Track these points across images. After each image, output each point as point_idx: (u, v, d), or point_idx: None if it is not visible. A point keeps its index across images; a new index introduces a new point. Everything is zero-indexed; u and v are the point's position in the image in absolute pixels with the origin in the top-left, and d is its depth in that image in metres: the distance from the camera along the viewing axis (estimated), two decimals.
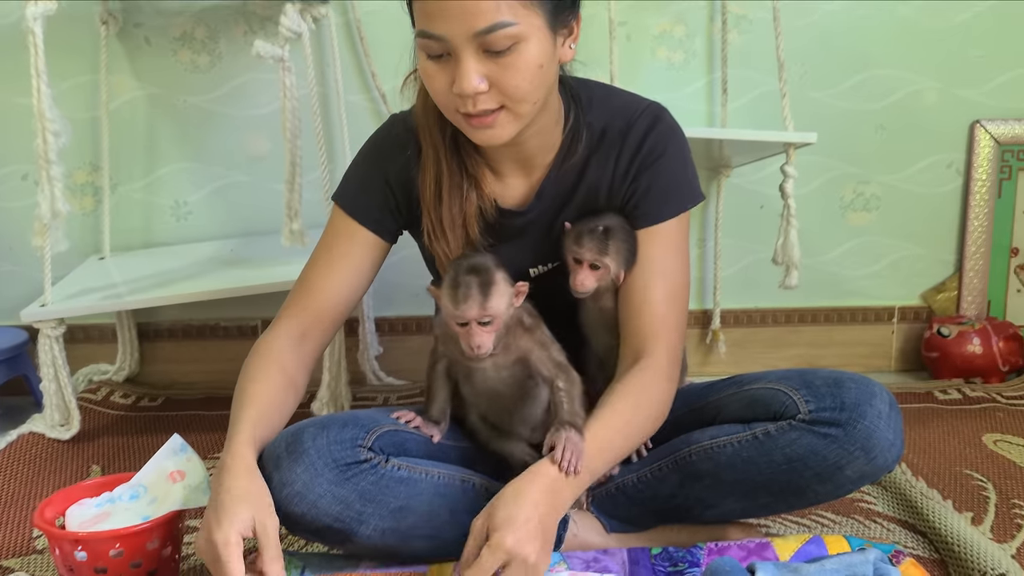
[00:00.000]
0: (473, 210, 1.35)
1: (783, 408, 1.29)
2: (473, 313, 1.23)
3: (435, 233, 1.36)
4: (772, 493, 1.31)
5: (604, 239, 1.34)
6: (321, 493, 1.22)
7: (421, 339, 2.34)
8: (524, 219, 1.40)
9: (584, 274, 1.37)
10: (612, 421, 1.25)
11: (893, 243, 2.38)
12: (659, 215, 1.36)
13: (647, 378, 1.30)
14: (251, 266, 2.08)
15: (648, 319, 1.34)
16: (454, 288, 1.23)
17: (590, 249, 1.34)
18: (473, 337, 1.24)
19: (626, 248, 1.36)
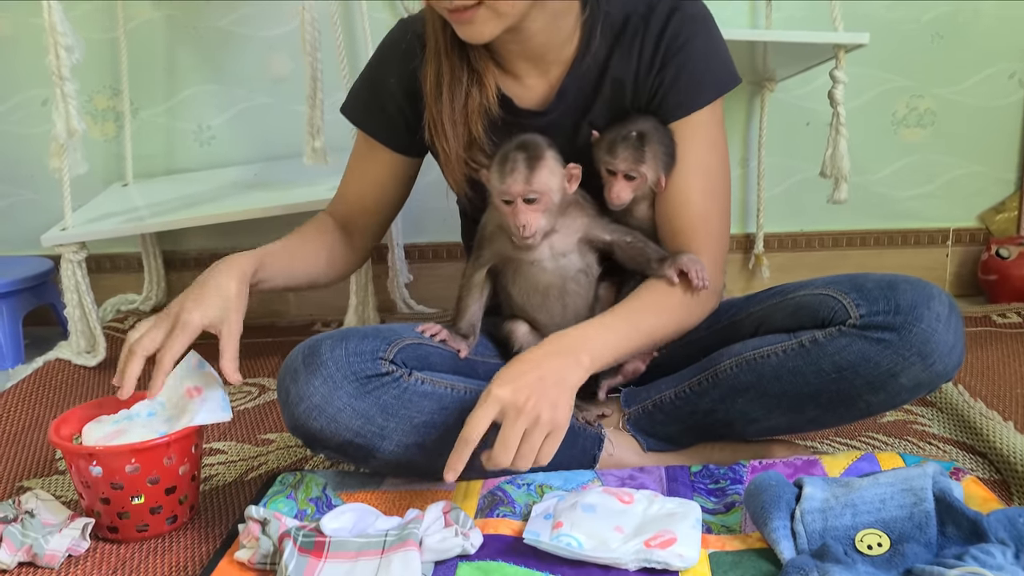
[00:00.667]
0: (476, 106, 1.29)
1: (832, 314, 1.20)
2: (518, 188, 1.20)
3: (435, 128, 1.31)
4: (820, 405, 1.22)
5: (639, 146, 1.26)
6: (340, 407, 1.16)
7: (452, 266, 2.27)
8: (545, 120, 1.32)
9: (620, 185, 1.29)
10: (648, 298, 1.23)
11: (948, 161, 2.25)
12: (691, 104, 1.27)
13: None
14: (276, 188, 2.03)
15: (688, 219, 1.28)
16: (501, 163, 1.22)
17: (625, 159, 1.26)
18: (518, 215, 1.21)
19: (664, 152, 1.27)
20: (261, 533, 1.09)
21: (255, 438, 1.60)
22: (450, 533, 1.07)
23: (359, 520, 1.12)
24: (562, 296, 1.31)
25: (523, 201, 1.21)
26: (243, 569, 1.09)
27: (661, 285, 1.25)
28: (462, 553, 1.07)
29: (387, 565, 1.02)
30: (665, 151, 1.27)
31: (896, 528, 1.04)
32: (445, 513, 1.11)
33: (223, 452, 1.54)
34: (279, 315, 2.31)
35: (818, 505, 1.08)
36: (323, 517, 1.11)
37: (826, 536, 1.05)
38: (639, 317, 1.23)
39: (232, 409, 1.20)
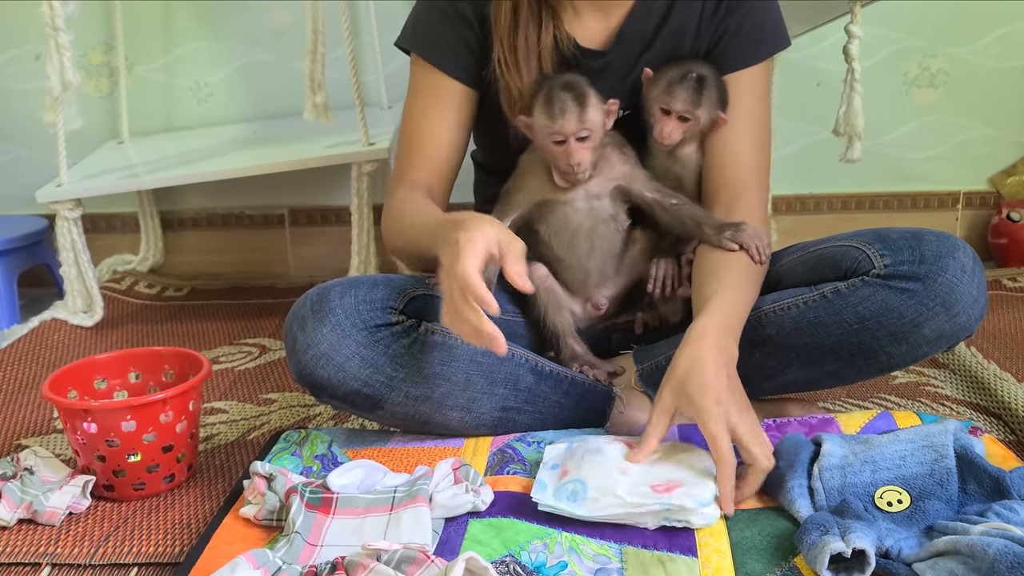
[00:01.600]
0: (549, 41, 1.27)
1: (855, 264, 1.17)
2: (572, 126, 1.20)
3: (507, 64, 1.27)
4: (840, 358, 1.20)
5: (699, 88, 1.25)
6: (349, 355, 1.13)
7: None
8: (603, 61, 1.30)
9: (672, 125, 1.27)
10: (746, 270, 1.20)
11: (960, 123, 2.21)
12: (750, 58, 1.28)
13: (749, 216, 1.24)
14: (276, 145, 1.99)
15: (741, 170, 1.28)
16: (549, 103, 1.20)
17: (683, 100, 1.25)
18: (573, 154, 1.21)
19: (718, 99, 1.27)
20: (267, 489, 1.06)
21: (256, 397, 1.57)
22: (460, 490, 1.05)
23: (367, 477, 1.10)
24: (591, 237, 1.30)
25: (575, 139, 1.20)
26: (249, 525, 1.06)
27: (739, 254, 1.21)
28: (473, 510, 1.05)
29: (396, 522, 1.00)
30: (719, 97, 1.27)
31: (917, 485, 1.02)
32: (455, 470, 1.09)
33: (224, 411, 1.51)
34: (278, 276, 2.28)
35: (837, 462, 1.05)
36: (330, 473, 1.09)
37: (845, 493, 1.02)
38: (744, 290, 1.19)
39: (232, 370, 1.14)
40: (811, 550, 0.92)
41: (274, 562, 0.92)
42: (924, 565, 0.89)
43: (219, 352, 1.80)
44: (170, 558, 1.07)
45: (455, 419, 1.21)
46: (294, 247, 2.29)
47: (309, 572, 0.91)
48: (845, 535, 0.91)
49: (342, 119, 1.89)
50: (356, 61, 1.84)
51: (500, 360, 1.22)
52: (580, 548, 0.98)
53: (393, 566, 0.88)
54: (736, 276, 1.20)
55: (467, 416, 1.21)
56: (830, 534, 0.92)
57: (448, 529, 1.02)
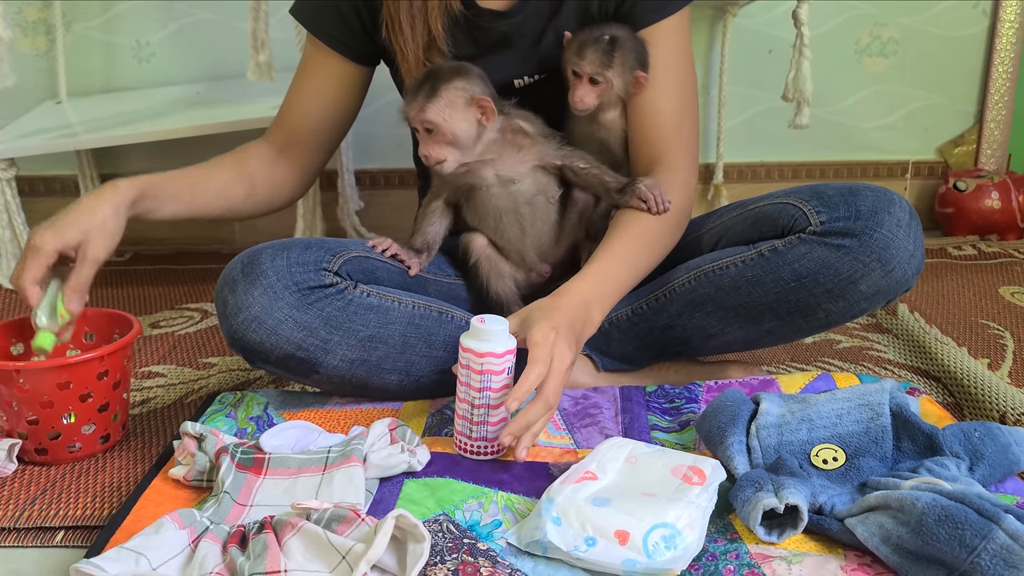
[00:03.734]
0: (435, 2, 1.22)
1: (792, 222, 1.17)
2: (413, 115, 1.18)
3: (393, 25, 1.24)
4: (778, 316, 1.19)
5: (609, 50, 1.22)
6: (281, 318, 1.10)
7: (405, 193, 2.20)
8: (509, 23, 1.26)
9: (584, 89, 1.24)
10: (635, 230, 1.19)
11: (910, 92, 2.22)
12: (664, 9, 1.23)
13: (673, 176, 1.23)
14: (219, 106, 1.95)
15: (662, 131, 1.25)
16: (410, 88, 1.20)
17: (592, 61, 1.22)
18: (422, 145, 1.20)
19: (634, 59, 1.23)
20: (197, 449, 1.04)
21: (196, 362, 1.53)
22: (396, 449, 1.03)
23: (301, 437, 1.08)
24: (518, 220, 1.27)
25: (424, 130, 1.18)
26: (178, 486, 1.03)
27: (640, 215, 1.20)
28: (408, 470, 1.03)
29: (329, 481, 0.98)
30: (636, 58, 1.23)
31: (852, 443, 1.02)
32: (391, 430, 1.07)
33: (162, 375, 1.48)
34: (223, 242, 2.24)
35: (774, 420, 1.05)
36: (263, 434, 1.07)
37: (781, 451, 1.02)
38: (633, 254, 1.19)
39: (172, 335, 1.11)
40: (744, 506, 0.92)
41: (201, 522, 0.90)
42: (855, 520, 0.89)
43: (159, 317, 1.76)
44: (98, 521, 1.04)
45: (393, 382, 1.19)
46: None
47: (237, 532, 0.89)
48: (778, 491, 0.91)
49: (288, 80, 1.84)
50: None
51: (439, 322, 1.20)
52: (515, 507, 0.97)
53: (323, 525, 0.86)
54: (623, 244, 1.19)
55: (405, 380, 1.19)
56: (764, 491, 0.92)
57: (383, 489, 1.01)
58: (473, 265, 1.29)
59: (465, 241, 1.30)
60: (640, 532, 0.86)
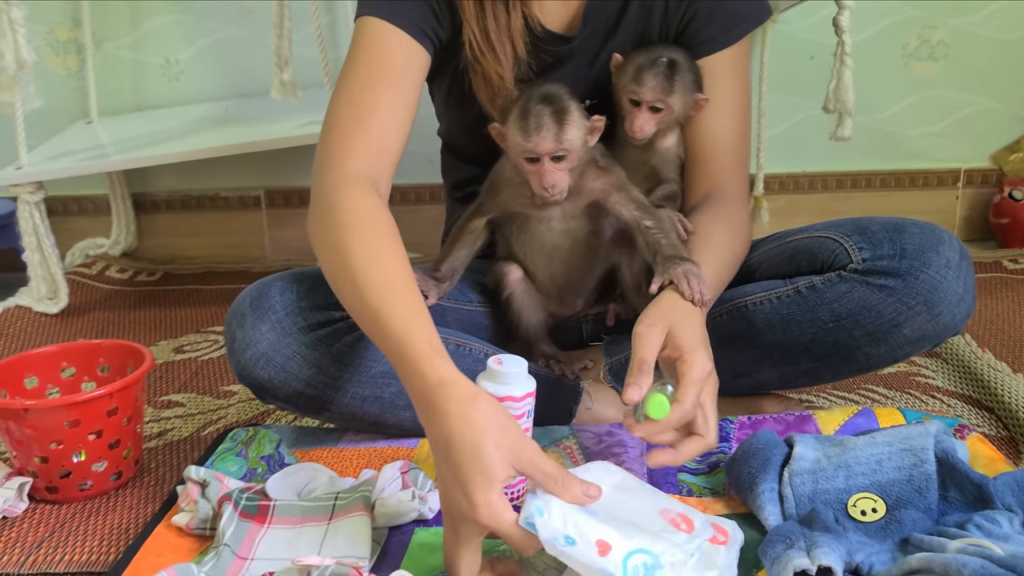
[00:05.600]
0: (519, 23, 1.15)
1: (832, 257, 1.10)
2: (547, 146, 1.07)
3: (481, 49, 1.15)
4: (815, 357, 1.13)
5: (669, 74, 1.15)
6: (290, 355, 1.07)
7: (435, 209, 2.14)
8: (568, 47, 1.20)
9: (643, 117, 1.18)
10: (715, 252, 1.11)
11: (961, 97, 2.12)
12: (726, 38, 1.19)
13: (732, 211, 1.18)
14: (247, 124, 1.92)
15: (723, 160, 1.21)
16: (524, 118, 1.07)
17: (653, 88, 1.16)
18: (546, 175, 1.09)
19: (692, 82, 1.18)
20: (200, 496, 1.00)
21: (217, 390, 1.51)
22: (407, 496, 0.99)
23: (309, 481, 1.04)
24: (568, 259, 1.21)
25: (550, 159, 1.09)
26: (181, 534, 1.00)
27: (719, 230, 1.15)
28: (419, 518, 0.99)
29: (334, 532, 0.94)
30: (694, 80, 1.18)
31: (893, 492, 0.95)
32: (403, 474, 1.02)
33: (181, 405, 1.46)
34: (254, 260, 2.22)
35: (808, 466, 0.98)
36: (270, 478, 1.03)
37: (816, 500, 0.96)
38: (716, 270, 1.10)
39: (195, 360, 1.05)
40: (774, 565, 0.86)
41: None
42: None
43: (184, 341, 1.74)
44: (103, 566, 1.01)
45: (408, 419, 1.14)
46: (271, 230, 2.23)
47: None
48: (811, 550, 0.85)
49: (315, 97, 1.82)
50: (324, 37, 1.77)
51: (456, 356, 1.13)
52: (532, 560, 0.92)
53: None
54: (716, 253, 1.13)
55: None
56: (795, 548, 0.86)
57: (392, 539, 0.96)
58: (506, 299, 1.24)
59: (500, 273, 1.24)
60: (623, 550, 0.80)
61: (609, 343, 1.31)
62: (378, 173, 1.06)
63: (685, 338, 0.97)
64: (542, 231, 1.19)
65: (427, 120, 1.35)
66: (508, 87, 1.17)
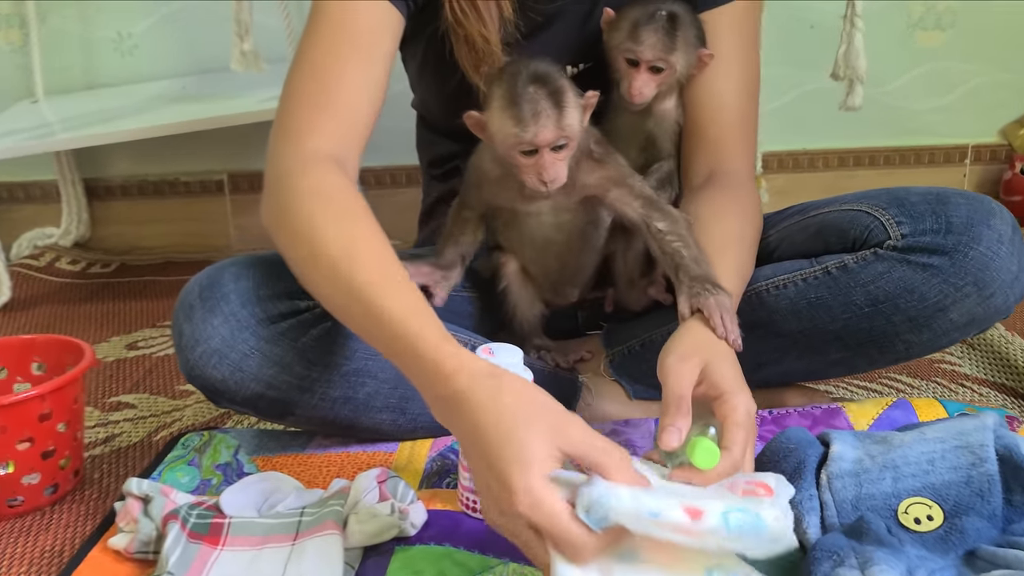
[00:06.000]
0: None
1: (866, 233, 0.98)
2: (548, 135, 0.91)
3: (462, 9, 1.00)
4: (848, 346, 1.00)
5: (670, 30, 1.02)
6: (247, 351, 0.92)
7: (412, 192, 2.01)
8: (557, 5, 1.06)
9: (643, 79, 1.04)
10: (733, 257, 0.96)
11: (969, 68, 2.01)
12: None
13: (740, 193, 1.04)
14: (208, 101, 1.78)
15: (727, 126, 1.07)
16: (515, 104, 0.90)
17: (652, 46, 1.02)
18: (547, 168, 0.93)
19: (695, 36, 1.05)
20: (142, 514, 0.86)
21: (172, 389, 1.36)
22: (385, 509, 0.85)
23: (271, 494, 0.90)
24: (562, 253, 1.07)
25: (550, 150, 0.93)
26: (119, 560, 0.85)
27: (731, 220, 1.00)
28: (400, 535, 0.85)
29: (300, 554, 0.80)
30: (696, 35, 1.04)
31: (950, 496, 0.81)
32: (380, 483, 0.88)
33: (132, 407, 1.31)
34: (218, 250, 2.06)
35: (849, 467, 0.85)
36: (225, 490, 0.88)
37: (861, 507, 0.82)
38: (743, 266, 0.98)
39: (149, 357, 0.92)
40: None
41: None
42: None
43: (138, 336, 1.59)
44: None
45: (386, 421, 1.01)
46: (235, 216, 2.07)
47: None
48: (865, 567, 0.72)
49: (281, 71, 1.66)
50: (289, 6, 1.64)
51: None
52: None
53: None
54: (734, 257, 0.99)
55: (400, 418, 1.01)
56: (845, 566, 0.73)
57: (367, 562, 0.82)
58: (502, 290, 1.11)
59: (498, 262, 1.10)
60: (717, 510, 0.66)
61: (608, 332, 1.18)
62: (344, 153, 0.94)
63: (726, 377, 0.83)
64: (531, 226, 1.05)
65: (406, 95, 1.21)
66: (494, 51, 1.03)
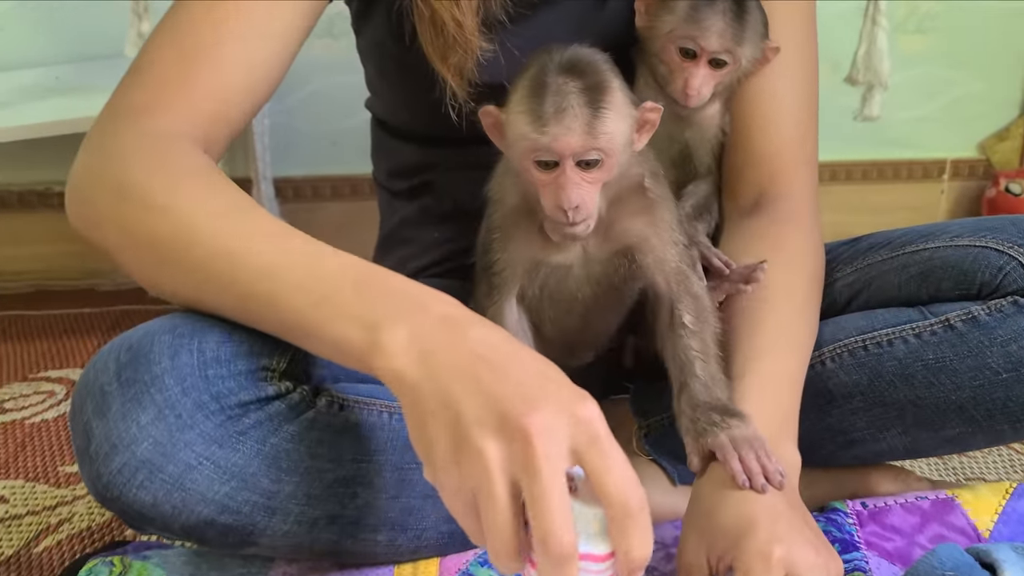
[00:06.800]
0: None
1: (998, 276, 0.79)
2: (573, 141, 0.67)
3: None
4: (972, 420, 0.81)
5: (739, 14, 0.83)
6: (192, 462, 0.64)
7: (340, 206, 1.75)
8: None
9: (702, 75, 0.84)
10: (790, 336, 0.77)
11: (950, 76, 1.87)
12: None
13: (792, 233, 0.85)
14: (87, 95, 1.50)
15: (784, 140, 0.88)
16: (535, 95, 0.68)
17: (721, 32, 0.83)
18: (568, 189, 0.68)
19: (764, 27, 0.86)
20: None
21: (55, 472, 1.05)
22: None
23: None
24: (588, 311, 0.80)
25: (576, 164, 0.68)
26: None
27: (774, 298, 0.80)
28: None
29: None
30: (763, 23, 0.85)
31: None
32: None
33: (2, 500, 0.99)
34: (101, 275, 1.74)
35: None
36: None
37: None
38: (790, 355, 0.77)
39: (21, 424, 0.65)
40: None
41: None
42: None
43: (4, 394, 1.27)
44: None
45: (382, 542, 0.74)
46: None
47: None
48: None
49: None
50: None
51: None
52: None
53: None
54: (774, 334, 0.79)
55: (401, 537, 0.75)
56: None
57: None
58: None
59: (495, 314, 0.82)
60: None
61: (637, 395, 0.94)
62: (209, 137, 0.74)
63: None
64: (555, 279, 0.78)
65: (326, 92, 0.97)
66: (468, 39, 0.79)
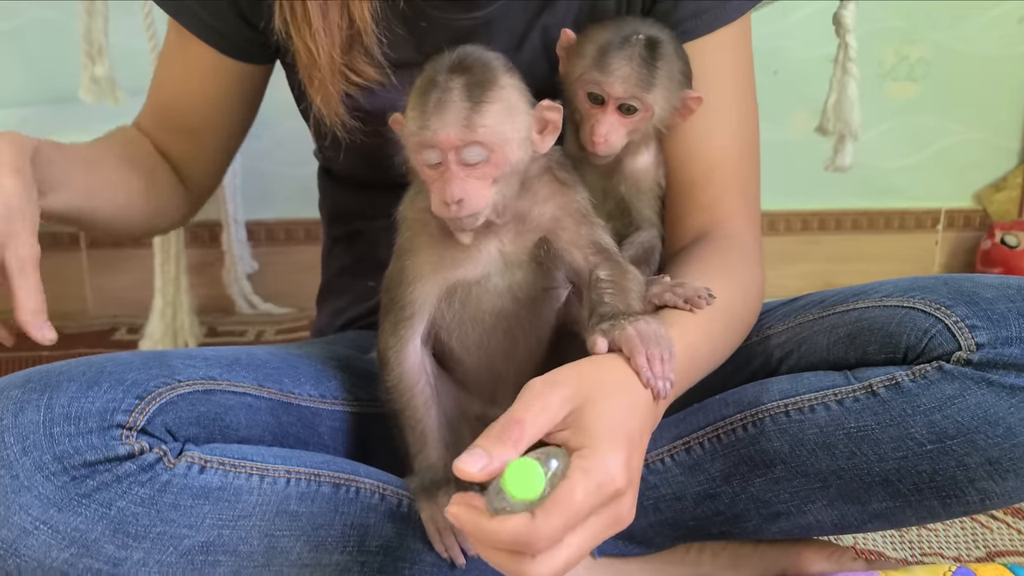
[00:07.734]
0: None
1: (924, 339, 0.73)
2: (451, 133, 0.65)
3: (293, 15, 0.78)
4: (898, 494, 0.75)
5: (649, 60, 0.80)
6: (27, 526, 0.61)
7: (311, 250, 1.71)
8: (474, 18, 0.83)
9: (610, 122, 0.80)
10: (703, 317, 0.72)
11: (942, 124, 1.82)
12: (719, 14, 0.84)
13: (733, 257, 0.81)
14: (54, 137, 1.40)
15: (724, 188, 0.85)
16: (425, 94, 0.67)
17: (625, 78, 0.80)
18: (451, 184, 0.66)
19: (681, 73, 0.82)
20: None
21: None
22: None
23: None
24: (512, 332, 0.76)
25: (459, 161, 0.66)
26: None
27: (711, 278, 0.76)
28: None
29: None
30: (681, 72, 0.81)
31: None
32: None
33: None
34: (71, 317, 1.72)
35: None
36: None
37: None
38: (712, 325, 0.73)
39: None
40: None
41: None
42: None
43: None
44: None
45: None
46: (93, 276, 1.74)
47: None
48: None
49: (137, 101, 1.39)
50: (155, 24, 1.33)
51: (333, 504, 0.70)
52: None
53: None
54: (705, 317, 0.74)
55: None
56: None
57: None
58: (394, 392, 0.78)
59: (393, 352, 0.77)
60: None
61: None
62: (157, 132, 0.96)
63: (600, 422, 0.59)
64: (475, 296, 0.74)
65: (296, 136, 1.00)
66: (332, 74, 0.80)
